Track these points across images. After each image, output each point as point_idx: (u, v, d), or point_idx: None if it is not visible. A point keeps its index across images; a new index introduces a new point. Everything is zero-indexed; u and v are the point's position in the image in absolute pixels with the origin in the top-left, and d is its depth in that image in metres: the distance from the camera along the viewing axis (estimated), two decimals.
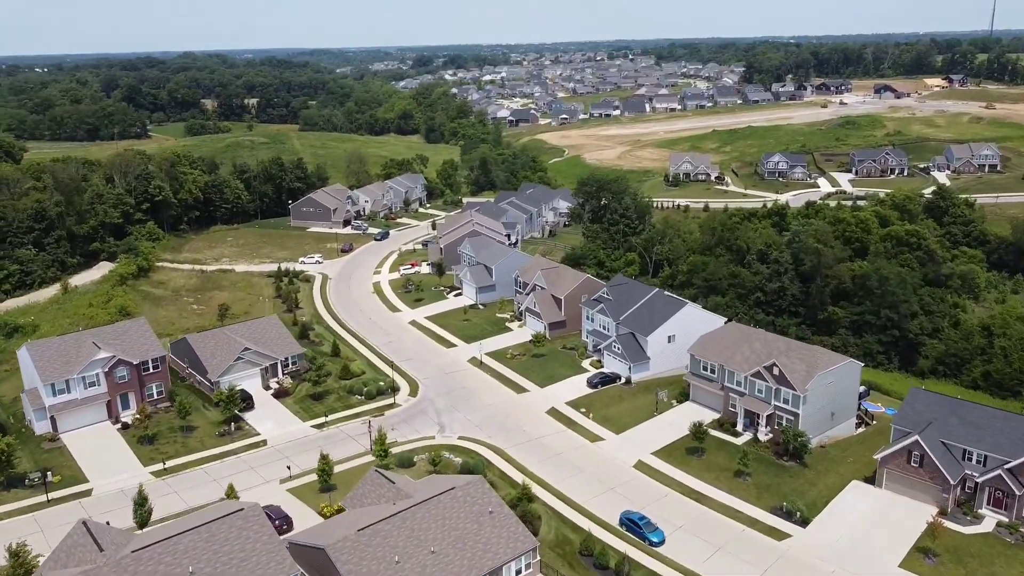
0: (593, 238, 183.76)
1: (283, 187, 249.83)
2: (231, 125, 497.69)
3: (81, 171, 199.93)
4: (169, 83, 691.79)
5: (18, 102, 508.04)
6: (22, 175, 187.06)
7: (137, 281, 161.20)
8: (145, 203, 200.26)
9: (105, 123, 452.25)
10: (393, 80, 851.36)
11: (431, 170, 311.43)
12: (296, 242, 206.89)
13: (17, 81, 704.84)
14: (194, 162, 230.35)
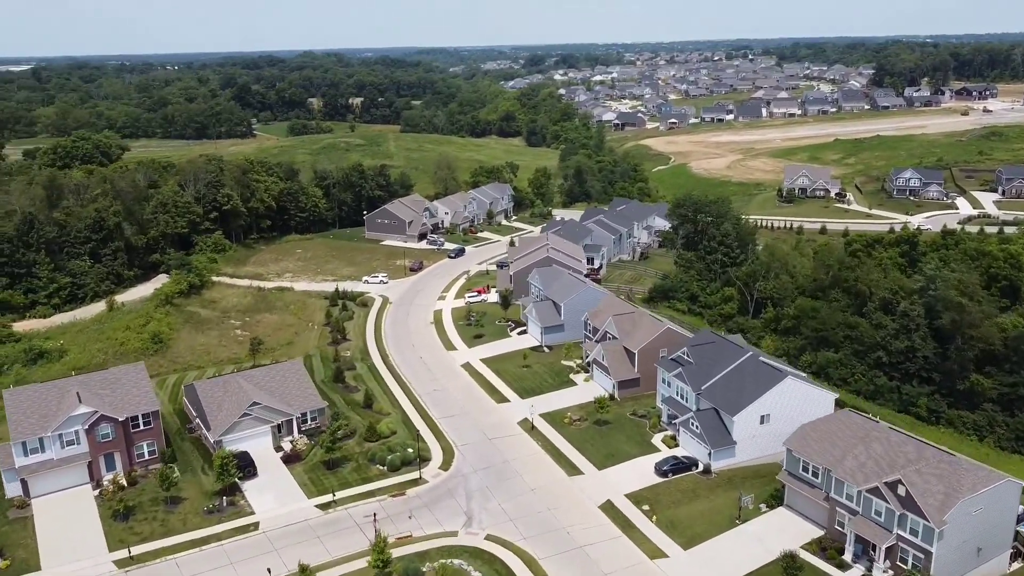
0: (686, 267, 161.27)
1: (363, 195, 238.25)
2: (333, 125, 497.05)
3: (149, 177, 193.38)
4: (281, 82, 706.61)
5: (138, 100, 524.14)
6: (91, 181, 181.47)
7: (187, 299, 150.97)
8: (213, 212, 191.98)
9: (213, 122, 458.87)
10: (502, 80, 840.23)
11: (523, 178, 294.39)
12: (366, 257, 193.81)
13: (146, 79, 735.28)
14: (271, 168, 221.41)
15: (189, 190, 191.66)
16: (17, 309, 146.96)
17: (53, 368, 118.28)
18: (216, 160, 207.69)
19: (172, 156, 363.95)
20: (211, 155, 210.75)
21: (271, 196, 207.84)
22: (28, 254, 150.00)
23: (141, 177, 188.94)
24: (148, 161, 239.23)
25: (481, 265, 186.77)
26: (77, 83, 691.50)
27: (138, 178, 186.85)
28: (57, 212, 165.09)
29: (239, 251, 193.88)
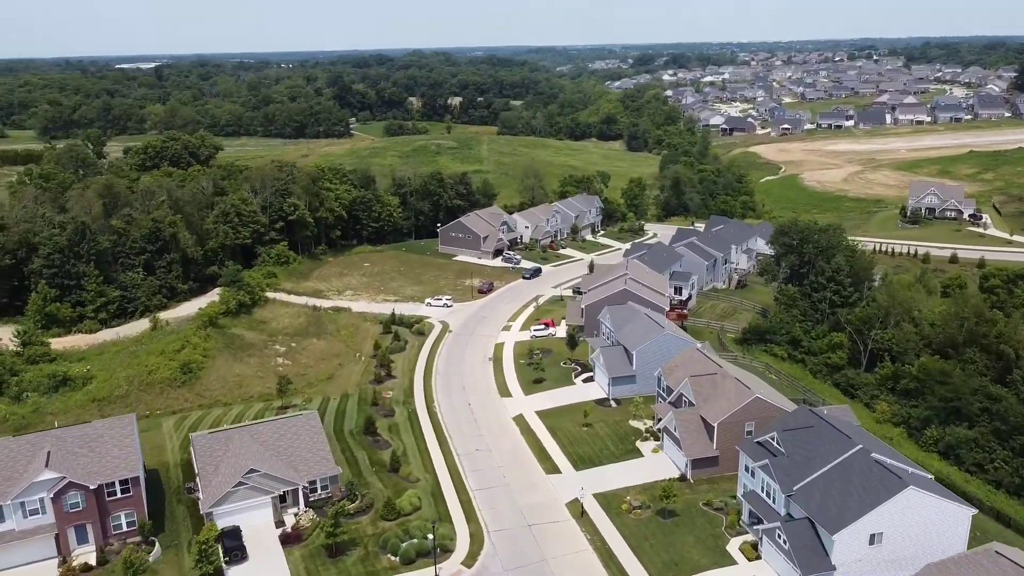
0: (788, 305, 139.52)
1: (441, 204, 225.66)
2: (430, 126, 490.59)
3: (217, 184, 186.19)
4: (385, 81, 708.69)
5: (245, 98, 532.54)
6: (157, 187, 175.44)
7: (235, 319, 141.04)
8: (279, 221, 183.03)
9: (312, 121, 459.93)
10: (608, 80, 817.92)
11: (616, 186, 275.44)
12: (434, 275, 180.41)
13: (257, 77, 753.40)
14: (345, 176, 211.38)
15: (257, 198, 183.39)
16: (64, 323, 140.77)
17: (72, 398, 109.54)
18: (287, 166, 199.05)
19: (264, 156, 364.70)
20: (282, 161, 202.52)
21: (342, 205, 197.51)
22: (78, 265, 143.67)
23: (207, 184, 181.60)
24: (227, 165, 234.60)
25: (556, 289, 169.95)
26: (194, 81, 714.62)
27: (203, 185, 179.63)
28: (116, 219, 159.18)
29: (304, 263, 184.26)
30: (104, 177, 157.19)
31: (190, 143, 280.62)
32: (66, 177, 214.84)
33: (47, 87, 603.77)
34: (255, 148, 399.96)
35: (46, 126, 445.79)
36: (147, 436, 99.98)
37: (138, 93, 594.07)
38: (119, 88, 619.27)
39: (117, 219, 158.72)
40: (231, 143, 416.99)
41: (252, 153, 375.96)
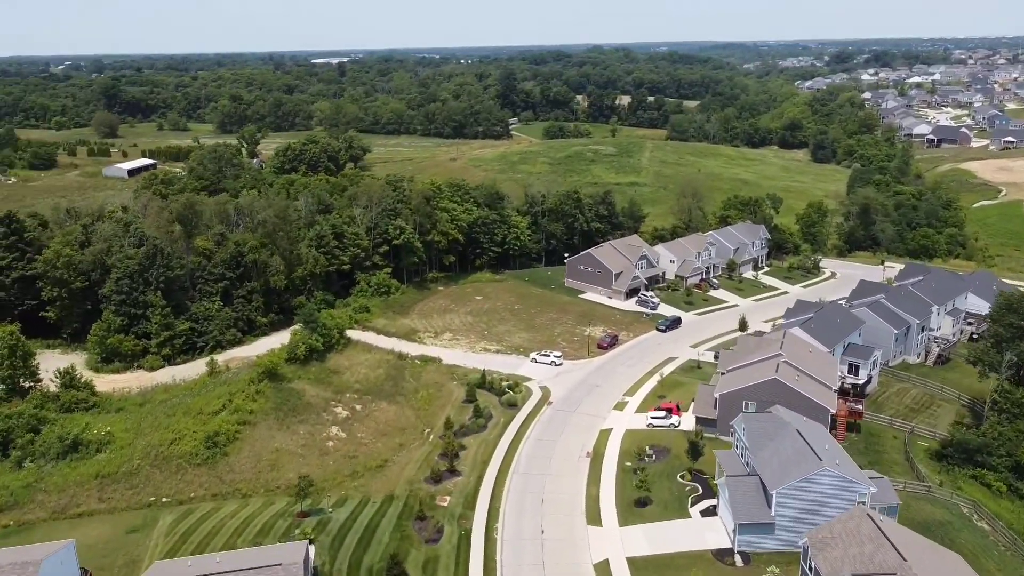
0: (1013, 415, 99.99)
1: (576, 228, 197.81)
2: (593, 128, 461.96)
3: (322, 201, 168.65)
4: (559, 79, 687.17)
5: (411, 96, 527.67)
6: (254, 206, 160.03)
7: (304, 367, 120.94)
8: (383, 245, 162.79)
9: (471, 121, 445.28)
10: (799, 80, 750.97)
11: (792, 207, 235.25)
12: (552, 317, 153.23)
13: (432, 74, 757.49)
14: (467, 193, 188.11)
15: (363, 218, 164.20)
16: (126, 357, 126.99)
17: (76, 471, 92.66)
18: (397, 182, 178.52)
19: (414, 157, 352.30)
20: (394, 177, 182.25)
21: (459, 228, 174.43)
22: (147, 293, 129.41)
23: (308, 201, 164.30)
24: (351, 174, 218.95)
25: (695, 349, 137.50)
26: (371, 77, 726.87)
27: (299, 204, 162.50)
28: (202, 239, 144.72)
29: (408, 293, 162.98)
30: (185, 195, 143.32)
31: (330, 146, 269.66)
32: (189, 182, 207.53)
33: (236, 82, 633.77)
34: (408, 148, 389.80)
35: (223, 121, 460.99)
36: (130, 541, 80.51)
37: (314, 89, 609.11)
38: (299, 84, 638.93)
39: (204, 239, 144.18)
40: (386, 142, 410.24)
41: (403, 154, 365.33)
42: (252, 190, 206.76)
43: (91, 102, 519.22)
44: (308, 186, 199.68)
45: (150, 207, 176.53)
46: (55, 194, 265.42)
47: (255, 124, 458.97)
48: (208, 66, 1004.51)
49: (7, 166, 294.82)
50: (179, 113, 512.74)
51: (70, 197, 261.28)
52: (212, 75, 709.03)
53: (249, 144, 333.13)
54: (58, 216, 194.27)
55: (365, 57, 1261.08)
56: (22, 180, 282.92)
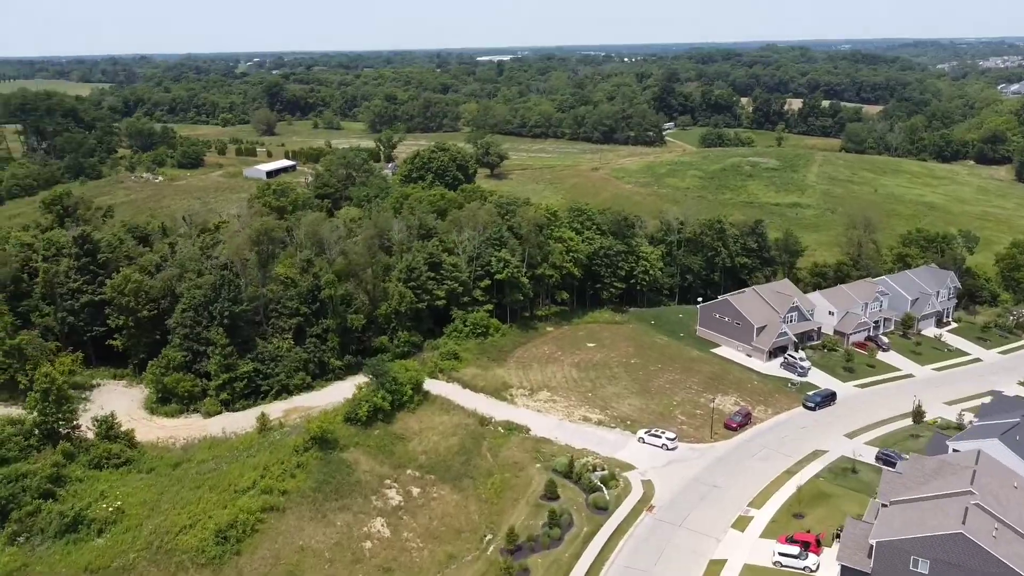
0: None
1: (718, 262, 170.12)
2: (757, 136, 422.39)
3: (422, 224, 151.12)
4: (724, 79, 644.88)
5: (564, 97, 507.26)
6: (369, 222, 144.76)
7: (366, 429, 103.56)
8: (486, 278, 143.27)
9: (622, 125, 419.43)
10: (1003, 83, 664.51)
11: (984, 248, 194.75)
12: (674, 378, 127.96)
13: (592, 72, 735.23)
14: (590, 218, 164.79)
15: (467, 245, 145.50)
16: (183, 398, 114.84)
17: (69, 556, 79.39)
18: (505, 206, 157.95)
19: (554, 165, 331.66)
20: (505, 200, 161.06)
21: (576, 261, 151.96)
22: (211, 328, 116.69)
23: (401, 227, 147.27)
24: (470, 190, 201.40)
25: (853, 443, 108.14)
26: (528, 76, 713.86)
27: (395, 228, 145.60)
28: (285, 264, 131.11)
29: (509, 335, 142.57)
30: (262, 220, 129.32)
31: (460, 154, 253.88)
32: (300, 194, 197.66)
33: (395, 80, 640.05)
34: (550, 154, 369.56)
35: (373, 121, 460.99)
36: None
37: (468, 88, 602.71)
38: (455, 83, 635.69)
39: (287, 264, 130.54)
40: (530, 147, 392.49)
41: (543, 160, 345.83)
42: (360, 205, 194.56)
43: (256, 99, 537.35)
44: (423, 201, 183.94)
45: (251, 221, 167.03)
46: (192, 195, 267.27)
47: (403, 123, 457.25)
48: (377, 63, 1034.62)
49: (157, 164, 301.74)
50: (334, 111, 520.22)
51: (204, 199, 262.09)
52: (374, 73, 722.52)
53: (386, 147, 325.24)
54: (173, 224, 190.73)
55: (529, 55, 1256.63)
56: (168, 179, 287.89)
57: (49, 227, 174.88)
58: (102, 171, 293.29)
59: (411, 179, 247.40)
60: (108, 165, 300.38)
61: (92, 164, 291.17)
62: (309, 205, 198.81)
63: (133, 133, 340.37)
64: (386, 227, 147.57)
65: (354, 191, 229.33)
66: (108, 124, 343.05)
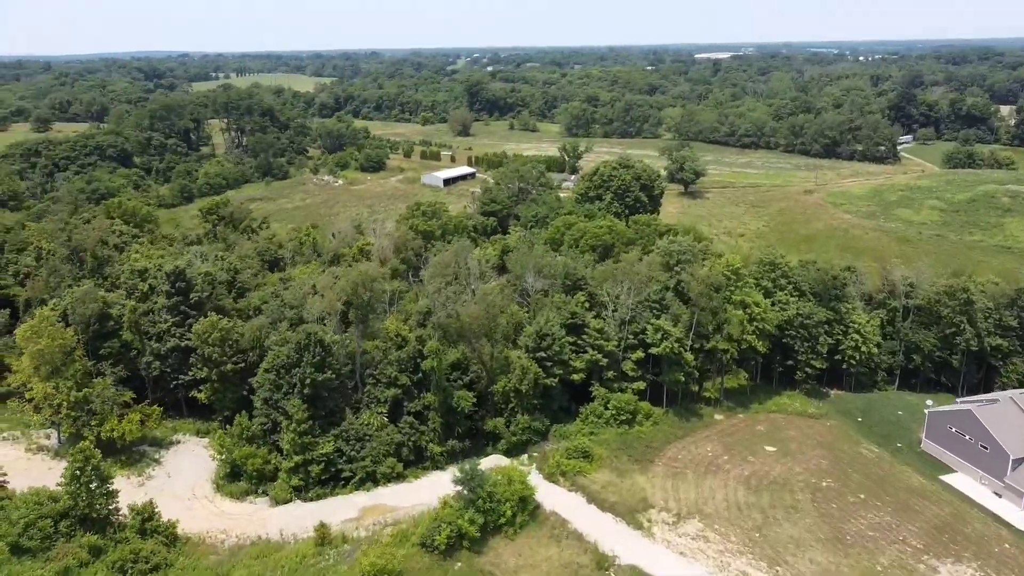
0: None
1: (959, 344, 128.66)
2: (1020, 156, 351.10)
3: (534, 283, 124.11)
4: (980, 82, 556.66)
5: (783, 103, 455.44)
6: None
7: (447, 559, 79.69)
8: (638, 349, 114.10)
9: (848, 138, 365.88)
10: None
11: None
12: (882, 523, 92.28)
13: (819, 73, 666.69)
14: (785, 274, 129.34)
15: (618, 303, 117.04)
16: (253, 477, 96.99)
17: None
18: (675, 254, 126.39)
19: (760, 184, 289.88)
20: (676, 248, 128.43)
21: (759, 333, 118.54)
22: (291, 396, 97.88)
23: (533, 279, 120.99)
24: (645, 222, 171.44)
25: None
26: (746, 77, 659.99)
27: (529, 281, 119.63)
28: (394, 319, 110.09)
29: (663, 424, 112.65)
30: (362, 268, 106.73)
31: (646, 173, 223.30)
32: (453, 217, 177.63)
33: (601, 80, 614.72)
34: (758, 170, 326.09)
35: (570, 124, 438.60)
36: None
37: (677, 90, 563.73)
38: (664, 83, 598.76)
39: (396, 319, 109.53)
40: (736, 159, 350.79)
41: (749, 177, 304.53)
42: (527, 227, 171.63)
43: (458, 98, 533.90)
44: (586, 234, 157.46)
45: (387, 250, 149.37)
46: (364, 202, 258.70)
47: (601, 127, 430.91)
48: (590, 60, 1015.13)
49: (340, 167, 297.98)
50: (532, 112, 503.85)
51: (375, 206, 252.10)
52: (581, 72, 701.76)
53: (570, 157, 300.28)
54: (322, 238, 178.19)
55: (751, 52, 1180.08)
56: (347, 183, 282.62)
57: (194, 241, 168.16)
58: (289, 172, 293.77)
59: (587, 198, 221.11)
60: (296, 166, 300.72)
61: (280, 164, 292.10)
62: (463, 229, 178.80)
63: (323, 133, 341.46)
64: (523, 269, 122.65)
65: (523, 209, 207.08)
66: (301, 125, 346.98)
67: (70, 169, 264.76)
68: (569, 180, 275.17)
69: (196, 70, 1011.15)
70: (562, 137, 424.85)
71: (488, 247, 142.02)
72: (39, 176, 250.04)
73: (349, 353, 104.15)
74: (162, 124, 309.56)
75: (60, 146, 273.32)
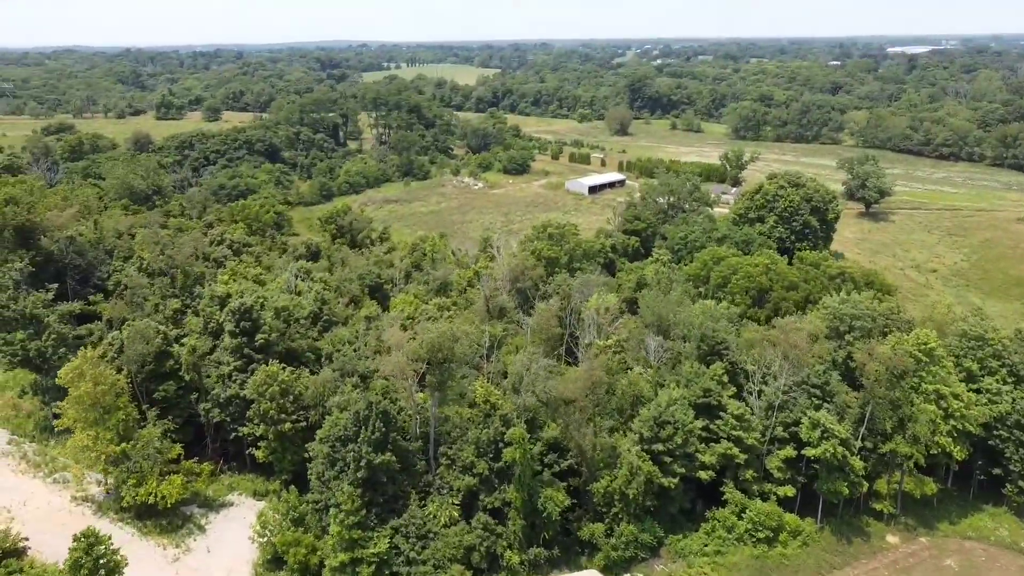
0: None
1: None
2: None
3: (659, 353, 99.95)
4: None
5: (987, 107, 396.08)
6: None
7: None
8: (787, 444, 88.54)
9: None
10: None
11: None
12: None
13: None
14: (997, 356, 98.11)
15: (764, 381, 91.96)
16: (295, 569, 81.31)
17: None
18: (847, 320, 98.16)
19: (960, 207, 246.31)
20: (849, 312, 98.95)
21: (955, 433, 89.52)
22: (344, 476, 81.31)
23: (658, 347, 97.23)
24: (814, 260, 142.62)
25: None
26: (947, 75, 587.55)
27: (651, 347, 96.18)
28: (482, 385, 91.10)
29: (817, 544, 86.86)
30: (439, 331, 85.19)
31: (818, 192, 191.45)
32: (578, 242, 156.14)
33: (777, 76, 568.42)
34: (957, 189, 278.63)
35: (737, 126, 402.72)
36: None
37: (864, 89, 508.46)
38: (848, 82, 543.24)
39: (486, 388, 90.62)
40: (930, 174, 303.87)
41: (945, 198, 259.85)
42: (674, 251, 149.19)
43: (620, 94, 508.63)
44: (738, 273, 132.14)
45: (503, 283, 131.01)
46: (501, 209, 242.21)
47: (772, 129, 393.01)
48: (769, 54, 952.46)
49: (483, 168, 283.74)
50: (697, 111, 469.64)
51: (512, 215, 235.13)
52: (756, 67, 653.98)
53: (733, 167, 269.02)
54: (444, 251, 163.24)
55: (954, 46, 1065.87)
56: (488, 186, 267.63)
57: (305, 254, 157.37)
58: (430, 172, 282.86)
59: (745, 219, 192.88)
60: (438, 166, 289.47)
61: (421, 164, 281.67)
62: (594, 256, 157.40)
63: (469, 132, 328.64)
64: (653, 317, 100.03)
65: (671, 229, 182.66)
66: (447, 123, 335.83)
67: (219, 163, 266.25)
68: (729, 194, 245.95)
69: (370, 60, 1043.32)
70: (728, 139, 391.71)
71: (610, 294, 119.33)
72: (186, 170, 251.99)
73: (423, 421, 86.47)
74: (311, 119, 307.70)
75: (211, 139, 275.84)
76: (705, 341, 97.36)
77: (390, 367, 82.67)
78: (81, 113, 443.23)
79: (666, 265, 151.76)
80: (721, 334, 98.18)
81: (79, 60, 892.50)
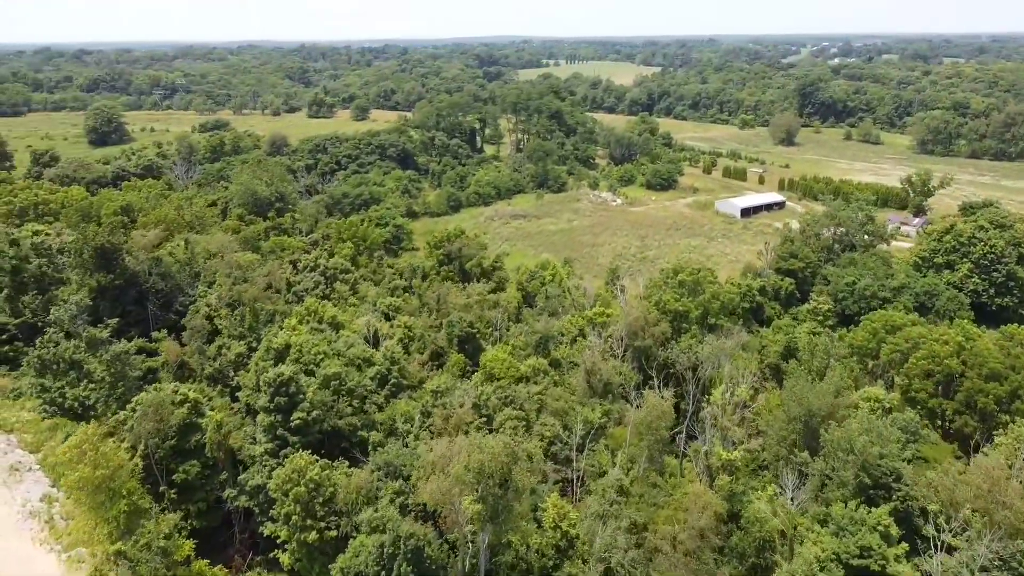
0: None
1: None
2: None
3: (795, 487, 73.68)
4: None
5: None
6: None
7: None
8: None
9: None
10: None
11: None
12: None
13: None
14: None
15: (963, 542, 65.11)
16: None
17: None
18: None
19: None
20: None
21: None
22: None
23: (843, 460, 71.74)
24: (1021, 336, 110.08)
25: None
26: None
27: (788, 484, 71.14)
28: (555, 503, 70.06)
29: None
30: (494, 445, 64.19)
31: (994, 220, 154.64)
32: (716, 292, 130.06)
33: (976, 80, 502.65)
34: None
35: (924, 138, 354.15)
36: None
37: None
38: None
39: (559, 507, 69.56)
40: None
41: None
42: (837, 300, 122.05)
43: (788, 98, 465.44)
44: (919, 352, 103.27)
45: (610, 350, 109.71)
46: (638, 230, 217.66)
47: (967, 144, 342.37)
48: (966, 54, 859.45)
49: (624, 182, 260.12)
50: (877, 120, 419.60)
51: (649, 239, 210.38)
52: (949, 68, 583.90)
53: (917, 193, 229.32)
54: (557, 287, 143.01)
55: None
56: (627, 202, 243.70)
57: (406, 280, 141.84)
58: (567, 184, 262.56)
59: (930, 264, 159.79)
60: (576, 177, 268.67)
61: (558, 175, 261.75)
62: (734, 311, 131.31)
63: (612, 140, 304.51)
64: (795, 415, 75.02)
65: (834, 271, 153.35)
66: (589, 130, 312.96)
67: (350, 168, 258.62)
68: (910, 224, 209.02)
69: (530, 56, 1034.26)
70: (912, 153, 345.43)
71: (719, 396, 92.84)
72: (315, 176, 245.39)
73: (473, 554, 66.80)
74: (448, 122, 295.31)
75: (344, 143, 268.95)
76: (866, 470, 71.32)
77: (428, 495, 63.26)
78: (241, 109, 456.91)
79: (823, 325, 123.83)
80: (890, 461, 71.79)
81: (258, 55, 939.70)
